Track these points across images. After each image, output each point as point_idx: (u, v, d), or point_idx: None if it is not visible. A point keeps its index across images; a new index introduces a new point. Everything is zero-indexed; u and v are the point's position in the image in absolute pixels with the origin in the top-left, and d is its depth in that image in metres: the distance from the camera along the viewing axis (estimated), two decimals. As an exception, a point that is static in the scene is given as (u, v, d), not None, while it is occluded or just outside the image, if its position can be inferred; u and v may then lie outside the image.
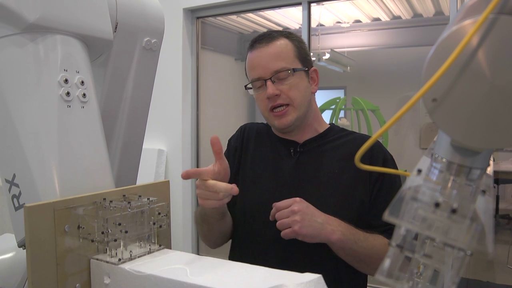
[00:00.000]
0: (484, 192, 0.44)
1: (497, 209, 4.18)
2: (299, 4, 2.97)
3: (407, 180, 0.45)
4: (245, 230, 1.10)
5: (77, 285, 0.70)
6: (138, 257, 0.73)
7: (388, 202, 0.43)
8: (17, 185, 0.74)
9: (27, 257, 0.64)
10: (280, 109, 1.04)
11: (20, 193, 0.74)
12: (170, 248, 0.82)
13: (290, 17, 4.12)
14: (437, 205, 0.42)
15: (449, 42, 0.39)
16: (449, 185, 0.44)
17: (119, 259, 0.70)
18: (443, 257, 0.43)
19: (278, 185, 1.07)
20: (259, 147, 1.15)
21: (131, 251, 0.73)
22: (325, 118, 1.18)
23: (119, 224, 0.71)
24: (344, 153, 1.06)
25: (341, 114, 4.50)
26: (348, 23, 4.50)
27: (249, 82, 1.08)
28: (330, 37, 4.91)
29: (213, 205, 0.88)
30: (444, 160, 0.44)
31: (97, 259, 0.72)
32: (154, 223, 0.78)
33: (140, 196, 0.79)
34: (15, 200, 0.75)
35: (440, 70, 0.38)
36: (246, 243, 1.10)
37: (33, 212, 0.64)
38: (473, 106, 0.39)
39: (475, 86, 0.38)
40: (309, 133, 1.11)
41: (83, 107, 0.79)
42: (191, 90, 3.36)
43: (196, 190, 0.89)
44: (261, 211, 1.01)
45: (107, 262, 0.70)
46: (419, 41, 4.62)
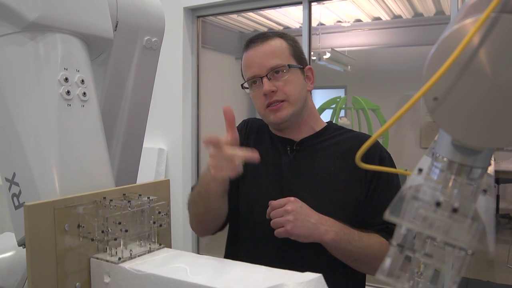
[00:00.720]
0: (485, 192, 0.44)
1: (497, 208, 4.18)
2: (299, 3, 2.97)
3: (408, 179, 0.45)
4: (245, 224, 1.10)
5: (77, 284, 0.70)
6: (138, 256, 0.73)
7: (384, 201, 0.43)
8: (17, 184, 0.74)
9: (27, 256, 0.64)
10: (276, 104, 1.04)
11: (20, 192, 0.74)
12: (170, 247, 0.82)
13: (290, 16, 4.12)
14: (438, 204, 0.42)
15: (450, 41, 0.39)
16: (450, 184, 0.44)
17: (119, 258, 0.70)
18: (443, 257, 0.43)
19: (275, 182, 1.07)
20: (260, 143, 1.15)
21: (131, 250, 0.73)
22: (325, 117, 1.18)
23: (119, 223, 0.71)
24: (340, 151, 1.06)
25: (342, 113, 4.50)
26: (348, 22, 4.50)
27: (245, 81, 1.09)
28: (331, 36, 4.90)
29: (226, 175, 0.87)
30: (445, 159, 0.44)
31: (97, 258, 0.72)
32: (154, 222, 0.78)
33: (140, 195, 0.79)
34: (15, 199, 0.75)
35: (441, 69, 0.38)
36: (244, 237, 1.10)
37: (33, 211, 0.64)
38: (474, 105, 0.39)
39: (476, 85, 0.38)
40: (306, 131, 1.11)
41: (83, 106, 0.79)
42: (192, 89, 3.36)
43: (209, 160, 0.87)
44: (259, 206, 1.02)
45: (107, 261, 0.70)
46: (420, 40, 4.61)
